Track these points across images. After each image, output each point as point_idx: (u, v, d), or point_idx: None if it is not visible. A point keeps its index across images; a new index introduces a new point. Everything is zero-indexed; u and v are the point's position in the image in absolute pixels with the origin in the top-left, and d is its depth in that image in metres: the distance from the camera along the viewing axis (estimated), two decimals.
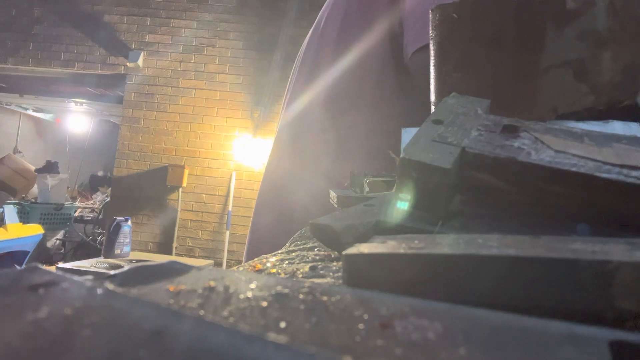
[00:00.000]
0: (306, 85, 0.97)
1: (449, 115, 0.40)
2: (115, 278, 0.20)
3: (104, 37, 4.60)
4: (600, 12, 0.52)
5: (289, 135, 1.01)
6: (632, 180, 0.29)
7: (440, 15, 0.58)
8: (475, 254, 0.19)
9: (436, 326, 0.15)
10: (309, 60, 0.99)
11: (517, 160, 0.33)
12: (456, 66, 0.58)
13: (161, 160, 4.61)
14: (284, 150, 1.03)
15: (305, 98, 0.96)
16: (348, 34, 0.91)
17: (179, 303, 0.17)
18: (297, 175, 0.96)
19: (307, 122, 0.95)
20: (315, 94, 0.93)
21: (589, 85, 0.52)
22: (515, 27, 0.54)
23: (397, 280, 0.20)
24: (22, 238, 3.21)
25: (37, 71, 4.77)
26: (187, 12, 4.70)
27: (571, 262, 0.18)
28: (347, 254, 0.22)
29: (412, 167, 0.33)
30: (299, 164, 0.96)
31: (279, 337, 0.13)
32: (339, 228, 0.34)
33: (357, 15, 0.91)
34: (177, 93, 4.64)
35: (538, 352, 0.13)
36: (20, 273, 0.16)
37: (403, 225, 0.34)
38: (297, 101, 0.98)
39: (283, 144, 1.04)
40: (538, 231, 0.31)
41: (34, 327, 0.13)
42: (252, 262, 0.40)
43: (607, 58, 0.52)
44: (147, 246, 4.55)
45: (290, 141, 1.00)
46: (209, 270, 0.21)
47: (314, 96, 0.94)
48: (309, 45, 1.02)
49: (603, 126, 0.49)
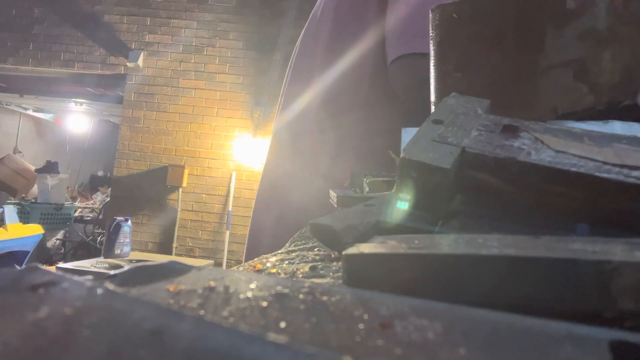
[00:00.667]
0: (303, 86, 0.97)
1: (449, 115, 0.40)
2: (115, 278, 0.20)
3: (104, 37, 4.60)
4: (600, 12, 0.52)
5: (288, 136, 1.01)
6: (632, 180, 0.29)
7: (440, 15, 0.58)
8: (475, 254, 0.19)
9: (436, 326, 0.15)
10: (304, 61, 0.99)
11: (517, 160, 0.33)
12: (456, 66, 0.58)
13: (161, 160, 4.61)
14: (283, 150, 1.03)
15: (303, 99, 0.96)
16: (341, 37, 0.91)
17: (179, 303, 0.17)
18: (297, 175, 0.96)
19: (306, 122, 0.95)
20: (313, 95, 0.93)
21: (589, 85, 0.52)
22: (515, 27, 0.54)
23: (397, 280, 0.20)
24: (22, 238, 3.21)
25: (37, 71, 4.77)
26: (187, 12, 4.70)
27: (571, 262, 0.18)
28: (347, 254, 0.22)
29: (412, 167, 0.33)
30: (298, 164, 0.96)
31: (279, 337, 0.13)
32: (339, 228, 0.34)
33: (349, 17, 0.91)
34: (177, 93, 4.64)
35: (538, 352, 0.13)
36: (20, 273, 0.16)
37: (403, 225, 0.34)
38: (295, 102, 0.98)
39: (282, 144, 1.04)
40: (538, 231, 0.31)
41: (34, 327, 0.13)
42: (252, 262, 0.40)
43: (607, 58, 0.52)
44: (147, 246, 4.55)
45: (290, 141, 1.00)
46: (209, 270, 0.21)
47: (312, 97, 0.94)
48: (303, 46, 1.02)
49: (603, 126, 0.49)
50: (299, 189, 0.93)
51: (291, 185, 0.96)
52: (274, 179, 1.03)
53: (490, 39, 0.54)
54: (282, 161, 1.02)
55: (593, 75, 0.52)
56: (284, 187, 0.98)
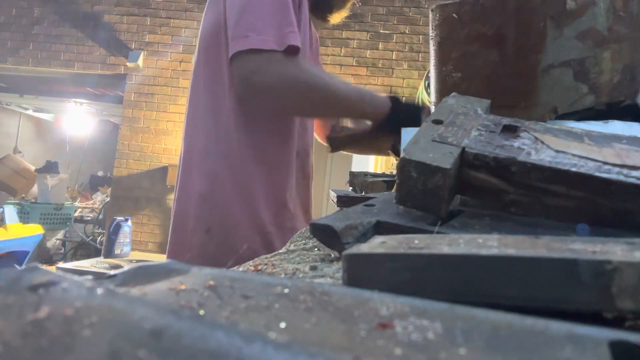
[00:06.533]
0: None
1: (449, 115, 0.40)
2: (115, 278, 0.20)
3: (104, 37, 4.60)
4: (600, 12, 0.52)
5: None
6: (632, 180, 0.29)
7: (440, 15, 0.58)
8: (475, 254, 0.19)
9: (436, 326, 0.15)
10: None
11: (517, 160, 0.33)
12: (456, 66, 0.58)
13: (161, 160, 4.60)
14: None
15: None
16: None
17: (179, 303, 0.17)
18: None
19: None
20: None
21: (589, 85, 0.52)
22: (515, 27, 0.54)
23: (397, 280, 0.20)
24: (22, 238, 3.21)
25: (37, 71, 4.76)
26: (187, 12, 4.70)
27: (571, 262, 0.18)
28: (347, 254, 0.22)
29: (412, 167, 0.33)
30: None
31: (279, 337, 0.14)
32: (339, 228, 0.34)
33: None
34: (177, 93, 4.63)
35: (538, 352, 0.13)
36: (20, 273, 0.16)
37: (403, 225, 0.34)
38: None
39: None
40: (538, 231, 0.31)
41: (34, 327, 0.13)
42: (252, 262, 0.40)
43: (607, 58, 0.52)
44: (147, 246, 4.54)
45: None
46: (209, 270, 0.21)
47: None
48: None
49: (603, 126, 0.49)
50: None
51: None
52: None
53: (490, 39, 0.54)
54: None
55: (593, 75, 0.52)
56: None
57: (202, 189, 0.87)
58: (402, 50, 3.94)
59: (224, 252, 0.84)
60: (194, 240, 0.86)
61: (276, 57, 0.78)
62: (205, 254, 0.85)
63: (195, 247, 0.86)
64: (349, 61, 3.96)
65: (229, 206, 0.86)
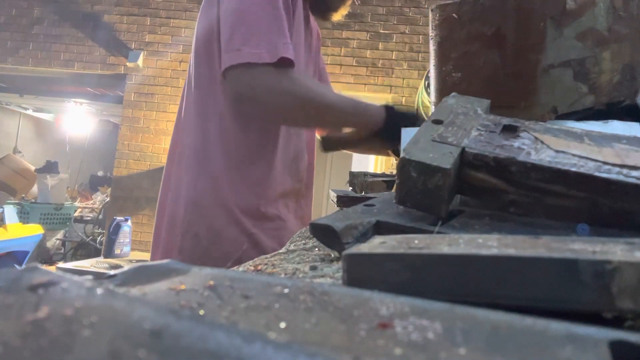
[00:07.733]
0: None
1: (448, 115, 0.40)
2: (115, 278, 0.20)
3: (104, 37, 4.60)
4: (600, 12, 0.52)
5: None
6: (632, 180, 0.29)
7: (440, 15, 0.58)
8: (475, 254, 0.19)
9: (436, 326, 0.15)
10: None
11: (517, 160, 0.33)
12: (456, 66, 0.58)
13: (161, 160, 4.60)
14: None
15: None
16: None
17: (178, 303, 0.17)
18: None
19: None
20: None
21: (588, 85, 0.52)
22: (515, 27, 0.54)
23: (397, 280, 0.20)
24: (22, 238, 3.21)
25: (37, 71, 4.76)
26: (187, 12, 4.69)
27: (571, 262, 0.18)
28: (347, 254, 0.22)
29: (412, 167, 0.33)
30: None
31: (279, 337, 0.14)
32: (339, 228, 0.34)
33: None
34: (177, 93, 4.63)
35: (538, 352, 0.13)
36: (20, 273, 0.16)
37: (403, 225, 0.34)
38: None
39: None
40: (538, 231, 0.31)
41: (34, 327, 0.13)
42: (252, 262, 0.41)
43: (607, 58, 0.52)
44: (147, 246, 4.54)
45: None
46: (209, 270, 0.21)
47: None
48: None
49: (603, 126, 0.49)
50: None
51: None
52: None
53: (490, 39, 0.54)
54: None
55: (593, 75, 0.52)
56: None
57: (191, 195, 0.89)
58: (402, 50, 3.93)
59: (213, 255, 0.86)
60: (185, 244, 0.89)
61: (269, 71, 0.79)
62: (194, 258, 0.86)
63: (186, 251, 0.88)
64: (349, 61, 3.95)
65: (213, 213, 0.88)
